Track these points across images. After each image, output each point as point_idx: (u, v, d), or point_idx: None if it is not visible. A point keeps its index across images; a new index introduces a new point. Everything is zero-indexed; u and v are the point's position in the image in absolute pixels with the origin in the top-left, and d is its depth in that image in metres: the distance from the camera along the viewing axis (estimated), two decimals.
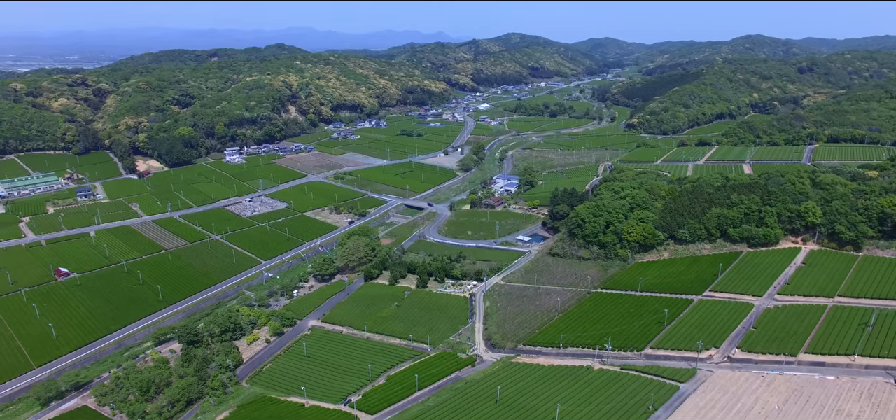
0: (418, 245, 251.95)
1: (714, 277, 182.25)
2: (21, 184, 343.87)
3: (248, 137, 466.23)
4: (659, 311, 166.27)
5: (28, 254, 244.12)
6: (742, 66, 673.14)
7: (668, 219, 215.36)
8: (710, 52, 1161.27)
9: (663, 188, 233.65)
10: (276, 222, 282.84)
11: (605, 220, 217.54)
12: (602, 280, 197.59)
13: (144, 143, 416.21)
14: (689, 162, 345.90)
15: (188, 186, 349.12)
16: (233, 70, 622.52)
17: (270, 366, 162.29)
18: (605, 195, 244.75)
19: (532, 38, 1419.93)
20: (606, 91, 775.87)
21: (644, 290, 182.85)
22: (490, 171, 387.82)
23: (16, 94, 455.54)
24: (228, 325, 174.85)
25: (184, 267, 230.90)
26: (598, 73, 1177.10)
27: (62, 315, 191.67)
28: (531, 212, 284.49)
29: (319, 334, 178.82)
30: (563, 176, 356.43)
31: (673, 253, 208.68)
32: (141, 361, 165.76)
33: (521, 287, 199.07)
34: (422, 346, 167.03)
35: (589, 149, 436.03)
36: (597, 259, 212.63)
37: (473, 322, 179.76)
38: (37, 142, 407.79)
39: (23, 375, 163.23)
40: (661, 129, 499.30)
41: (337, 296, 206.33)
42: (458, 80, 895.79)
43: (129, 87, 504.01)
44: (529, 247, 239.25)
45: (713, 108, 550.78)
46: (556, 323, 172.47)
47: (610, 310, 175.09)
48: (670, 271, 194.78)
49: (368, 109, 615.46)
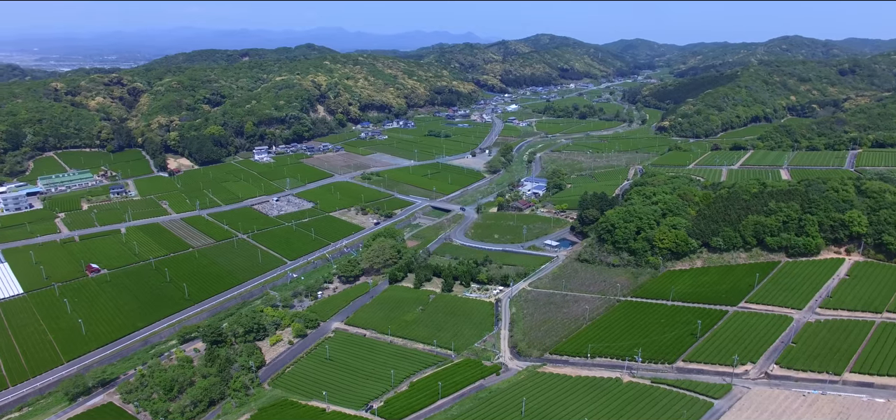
0: (444, 248, 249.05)
1: (750, 288, 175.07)
2: (58, 180, 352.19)
3: (277, 137, 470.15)
4: (692, 321, 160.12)
5: (62, 249, 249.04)
6: (779, 68, 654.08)
7: (701, 226, 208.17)
8: (745, 53, 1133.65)
9: (697, 194, 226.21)
10: (303, 222, 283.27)
11: (635, 225, 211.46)
12: (632, 288, 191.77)
13: (175, 141, 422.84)
14: (722, 166, 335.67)
15: (217, 185, 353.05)
16: (263, 70, 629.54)
17: (293, 368, 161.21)
18: (636, 200, 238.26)
19: (562, 39, 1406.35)
20: (637, 93, 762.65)
21: (676, 299, 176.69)
22: (518, 174, 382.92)
23: (56, 93, 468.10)
24: (252, 325, 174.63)
25: (210, 265, 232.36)
26: (629, 75, 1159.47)
27: (92, 311, 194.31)
28: (559, 216, 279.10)
29: (342, 337, 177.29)
30: (593, 179, 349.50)
31: (706, 261, 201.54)
32: (166, 360, 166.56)
33: (548, 293, 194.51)
34: (446, 352, 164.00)
35: (619, 152, 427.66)
36: (627, 266, 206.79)
37: (499, 328, 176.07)
38: (74, 140, 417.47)
39: (53, 370, 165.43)
40: (693, 132, 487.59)
41: (361, 298, 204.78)
42: (487, 80, 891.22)
43: (161, 86, 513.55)
44: (557, 252, 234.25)
45: (748, 111, 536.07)
46: (583, 331, 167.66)
47: (640, 319, 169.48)
48: (703, 280, 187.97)
49: (396, 110, 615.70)
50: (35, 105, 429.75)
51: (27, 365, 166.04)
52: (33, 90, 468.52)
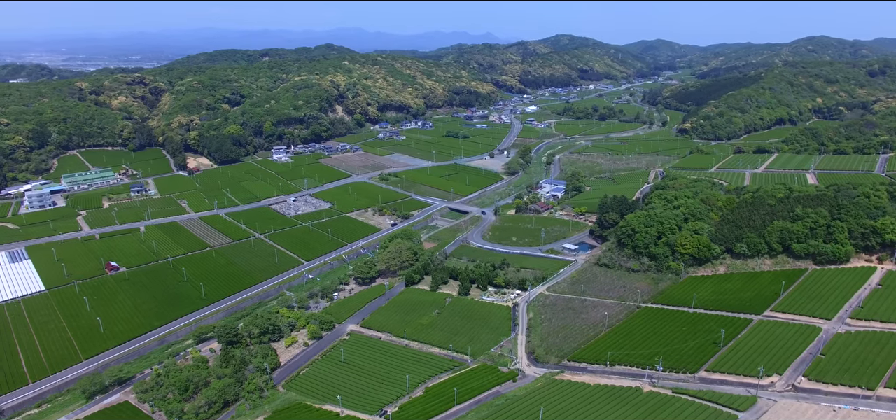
0: (461, 250, 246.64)
1: (775, 296, 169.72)
2: (81, 178, 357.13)
3: (295, 136, 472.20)
4: (714, 330, 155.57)
5: (83, 247, 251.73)
6: (804, 69, 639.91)
7: (724, 231, 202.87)
8: (769, 54, 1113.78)
9: (720, 198, 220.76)
10: (319, 222, 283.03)
11: (656, 230, 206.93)
12: (652, 294, 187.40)
13: (195, 140, 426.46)
14: (746, 170, 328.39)
15: (235, 184, 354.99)
16: (282, 69, 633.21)
17: (307, 370, 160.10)
18: (658, 204, 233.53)
19: (581, 40, 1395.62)
20: (658, 94, 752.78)
21: (698, 306, 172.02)
22: (536, 176, 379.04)
23: (80, 92, 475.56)
24: (267, 326, 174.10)
25: (227, 265, 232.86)
26: (649, 76, 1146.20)
27: (110, 309, 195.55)
28: (578, 219, 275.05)
29: (358, 339, 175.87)
30: (612, 182, 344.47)
31: (729, 267, 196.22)
32: (181, 359, 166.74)
33: (566, 298, 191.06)
34: (461, 357, 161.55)
35: (639, 154, 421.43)
36: (647, 271, 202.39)
37: (516, 333, 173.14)
38: (97, 138, 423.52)
39: (71, 367, 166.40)
40: (715, 134, 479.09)
41: (377, 300, 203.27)
42: (506, 81, 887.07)
43: (182, 85, 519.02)
44: (576, 256, 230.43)
45: (772, 114, 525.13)
46: (603, 338, 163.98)
47: (661, 326, 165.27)
48: (727, 287, 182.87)
49: (415, 110, 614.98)
50: (60, 104, 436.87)
51: (47, 362, 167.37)
52: (59, 90, 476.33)
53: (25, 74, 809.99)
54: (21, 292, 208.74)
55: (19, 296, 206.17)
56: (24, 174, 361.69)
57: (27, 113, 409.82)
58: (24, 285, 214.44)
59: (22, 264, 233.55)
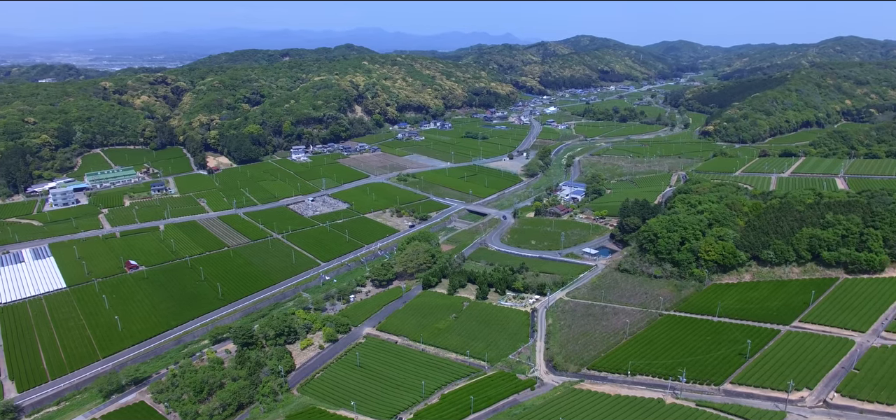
0: (479, 253, 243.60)
1: (805, 306, 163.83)
2: (103, 177, 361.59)
3: (314, 136, 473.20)
4: (740, 340, 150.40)
5: (103, 245, 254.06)
6: (832, 70, 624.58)
7: (750, 237, 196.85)
8: (795, 55, 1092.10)
9: (746, 203, 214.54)
10: (337, 223, 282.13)
11: (680, 235, 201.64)
12: (675, 301, 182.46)
13: (215, 139, 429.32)
14: (772, 174, 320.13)
15: (254, 184, 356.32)
16: (302, 69, 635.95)
17: (322, 374, 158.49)
18: (681, 208, 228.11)
19: (602, 41, 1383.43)
20: (680, 96, 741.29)
21: (723, 315, 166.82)
22: (556, 178, 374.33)
23: (104, 91, 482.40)
24: (283, 328, 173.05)
25: (244, 265, 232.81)
26: (671, 78, 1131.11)
27: (128, 307, 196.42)
28: (598, 222, 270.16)
29: (374, 343, 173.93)
30: (633, 185, 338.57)
31: (755, 275, 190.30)
32: (197, 360, 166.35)
33: (586, 304, 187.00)
34: (479, 363, 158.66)
35: (661, 157, 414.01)
36: (669, 278, 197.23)
37: (534, 340, 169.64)
38: (119, 137, 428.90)
39: (89, 365, 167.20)
40: (739, 137, 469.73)
41: (394, 303, 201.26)
42: (525, 82, 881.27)
43: (204, 85, 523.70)
44: (596, 260, 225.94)
45: (798, 116, 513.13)
46: (623, 346, 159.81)
47: (684, 335, 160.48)
48: (753, 296, 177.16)
49: (434, 111, 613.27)
50: (85, 103, 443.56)
51: (66, 359, 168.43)
52: (84, 89, 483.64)
53: (54, 74, 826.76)
54: (43, 289, 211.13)
55: (42, 293, 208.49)
56: (49, 172, 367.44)
57: (54, 112, 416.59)
58: (46, 282, 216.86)
59: (45, 261, 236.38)
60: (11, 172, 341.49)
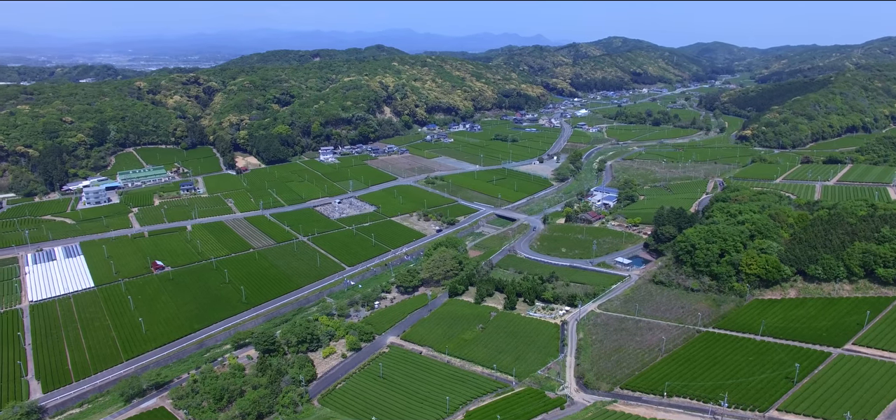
0: (507, 260, 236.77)
1: (858, 327, 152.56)
2: (135, 176, 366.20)
3: (343, 137, 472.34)
4: (787, 363, 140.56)
5: (132, 244, 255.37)
6: (880, 72, 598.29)
7: (796, 251, 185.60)
8: (838, 56, 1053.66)
9: (791, 214, 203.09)
10: (363, 226, 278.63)
11: (719, 247, 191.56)
12: (714, 317, 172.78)
13: (245, 139, 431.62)
14: (816, 182, 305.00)
15: (281, 185, 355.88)
16: (332, 70, 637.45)
17: (344, 385, 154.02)
18: (720, 218, 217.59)
19: (634, 42, 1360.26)
20: (715, 99, 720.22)
21: (767, 334, 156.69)
22: (587, 183, 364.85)
23: (139, 91, 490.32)
24: (305, 335, 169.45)
25: (269, 268, 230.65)
26: (706, 80, 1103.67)
27: (153, 308, 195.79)
28: (632, 230, 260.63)
29: (397, 353, 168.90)
30: (668, 191, 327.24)
31: (801, 291, 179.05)
32: (218, 366, 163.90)
33: (619, 317, 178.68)
34: (506, 378, 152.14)
35: (696, 162, 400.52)
36: (707, 291, 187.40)
37: (565, 355, 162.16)
38: (152, 136, 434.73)
39: (113, 368, 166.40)
40: (778, 142, 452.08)
41: (419, 311, 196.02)
42: (556, 84, 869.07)
43: (234, 85, 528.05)
44: (629, 270, 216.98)
45: (843, 120, 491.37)
46: (659, 364, 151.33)
47: (724, 355, 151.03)
48: (798, 314, 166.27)
49: (463, 112, 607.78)
50: (120, 103, 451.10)
51: (91, 361, 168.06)
52: (119, 89, 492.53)
53: (94, 74, 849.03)
54: (72, 288, 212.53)
55: (71, 292, 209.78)
56: (84, 170, 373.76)
57: (90, 111, 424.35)
58: (75, 281, 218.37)
59: (76, 260, 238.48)
60: (49, 170, 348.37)
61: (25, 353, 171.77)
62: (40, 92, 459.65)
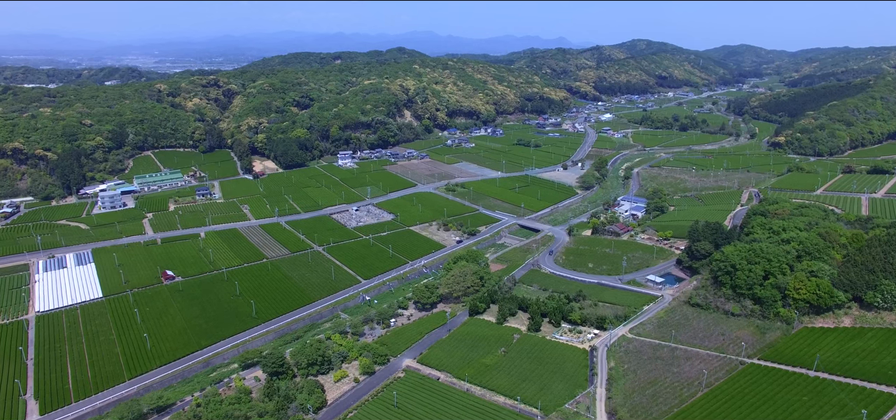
0: (531, 275, 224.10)
1: None
2: (151, 180, 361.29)
3: (361, 141, 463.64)
4: (850, 406, 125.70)
5: (144, 252, 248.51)
6: None
7: (851, 274, 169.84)
8: (874, 59, 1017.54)
9: (843, 233, 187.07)
10: (380, 236, 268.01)
11: (763, 268, 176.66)
12: (759, 347, 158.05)
13: (262, 143, 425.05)
14: (862, 194, 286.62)
15: (298, 190, 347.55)
16: (352, 73, 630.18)
17: (355, 414, 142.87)
18: (761, 234, 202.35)
19: (659, 45, 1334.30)
20: (744, 103, 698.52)
21: (822, 369, 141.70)
22: (613, 191, 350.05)
23: (159, 94, 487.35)
24: (316, 357, 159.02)
25: (282, 279, 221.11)
26: (733, 84, 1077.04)
27: (160, 322, 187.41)
28: (663, 245, 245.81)
29: (414, 378, 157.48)
30: (699, 202, 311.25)
31: (857, 320, 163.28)
32: (224, 388, 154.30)
33: (653, 344, 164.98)
34: (530, 411, 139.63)
35: (727, 170, 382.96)
36: (750, 316, 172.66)
37: (594, 386, 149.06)
38: (170, 140, 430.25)
39: (115, 387, 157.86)
40: (814, 149, 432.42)
41: (437, 330, 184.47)
42: (580, 87, 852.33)
43: (254, 88, 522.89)
44: (662, 290, 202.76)
45: (884, 126, 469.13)
46: (700, 401, 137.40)
47: (774, 393, 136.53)
48: (856, 347, 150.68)
49: (485, 116, 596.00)
50: (139, 106, 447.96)
51: (92, 379, 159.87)
52: (140, 91, 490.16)
53: (119, 76, 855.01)
54: (80, 298, 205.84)
55: (78, 302, 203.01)
56: (101, 174, 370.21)
57: (110, 114, 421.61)
58: (84, 291, 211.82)
59: (86, 268, 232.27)
60: (66, 174, 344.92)
61: (26, 370, 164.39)
62: (62, 94, 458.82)
